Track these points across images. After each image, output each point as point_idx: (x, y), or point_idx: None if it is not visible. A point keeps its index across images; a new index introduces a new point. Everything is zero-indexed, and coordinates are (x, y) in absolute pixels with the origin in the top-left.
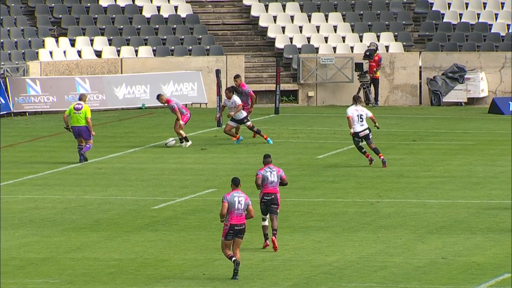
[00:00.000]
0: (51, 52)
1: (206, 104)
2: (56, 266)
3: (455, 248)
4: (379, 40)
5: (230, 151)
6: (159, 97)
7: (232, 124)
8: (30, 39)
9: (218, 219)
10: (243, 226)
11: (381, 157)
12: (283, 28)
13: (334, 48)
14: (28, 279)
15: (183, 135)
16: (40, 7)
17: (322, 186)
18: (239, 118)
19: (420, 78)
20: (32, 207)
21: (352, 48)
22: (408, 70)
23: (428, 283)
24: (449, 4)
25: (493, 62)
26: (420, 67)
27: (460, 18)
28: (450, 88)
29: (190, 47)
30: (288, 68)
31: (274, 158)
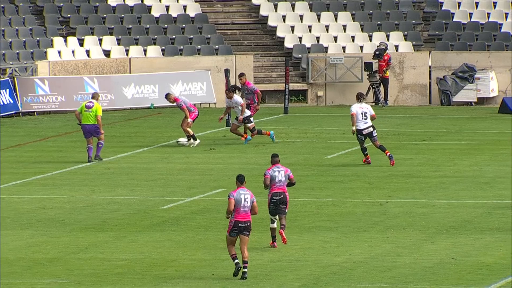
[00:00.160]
0: (59, 52)
1: (215, 103)
2: (64, 266)
3: (464, 249)
4: (388, 40)
5: (238, 151)
6: (168, 96)
7: (236, 123)
8: (38, 38)
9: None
10: (248, 224)
11: (387, 153)
12: (292, 28)
13: (344, 48)
14: (36, 279)
15: (190, 133)
16: (49, 6)
17: (331, 186)
18: (246, 115)
19: (429, 78)
20: (40, 207)
21: (361, 47)
22: (417, 69)
23: (437, 284)
24: (459, 4)
25: (503, 62)
26: (430, 67)
27: (470, 18)
28: (460, 88)
29: (199, 47)
30: (297, 67)
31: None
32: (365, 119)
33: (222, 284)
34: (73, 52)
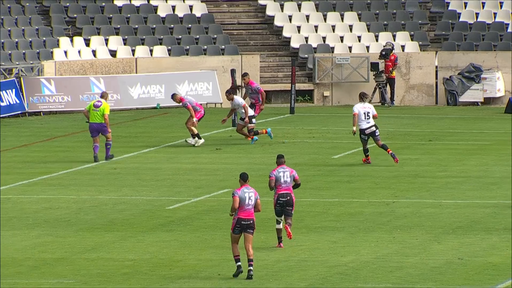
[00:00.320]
0: (65, 52)
1: (221, 103)
2: (71, 266)
3: (471, 249)
4: (395, 40)
5: (245, 151)
6: (173, 96)
7: (242, 123)
8: (44, 38)
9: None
10: (251, 221)
11: (389, 152)
12: (299, 28)
13: (350, 48)
14: (43, 279)
15: (195, 131)
16: (55, 6)
17: (338, 186)
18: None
19: (436, 78)
20: (47, 207)
21: (367, 47)
22: (424, 69)
23: (444, 284)
24: (465, 4)
25: (509, 62)
26: (436, 67)
27: (477, 18)
28: (466, 88)
29: (205, 47)
30: (304, 67)
31: (289, 158)
32: (367, 118)
33: (228, 284)
34: (79, 52)
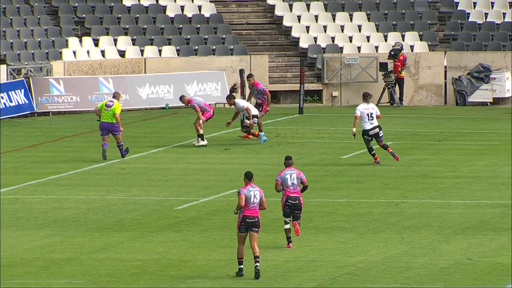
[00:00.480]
0: (74, 52)
1: None
2: (80, 266)
3: (480, 249)
4: (404, 40)
5: (254, 151)
6: (182, 98)
7: (248, 122)
8: (53, 39)
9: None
10: (256, 219)
11: (389, 150)
12: (307, 28)
13: (359, 48)
14: (52, 279)
15: (200, 132)
16: (64, 6)
17: (347, 186)
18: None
19: (445, 78)
20: (56, 207)
21: (376, 47)
22: (433, 69)
23: (453, 284)
24: (474, 4)
25: None
26: (445, 67)
27: (486, 18)
28: (476, 88)
29: (214, 47)
30: (312, 67)
31: (297, 158)
32: (371, 119)
33: (237, 285)
34: (88, 52)
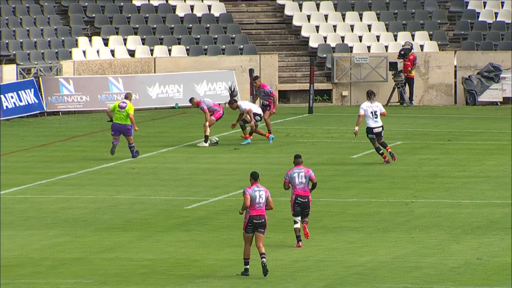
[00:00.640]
0: (84, 52)
1: None
2: (89, 266)
3: (490, 249)
4: (413, 39)
5: (263, 151)
6: (191, 100)
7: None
8: (63, 38)
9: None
10: (263, 220)
11: (388, 149)
12: (317, 27)
13: (369, 47)
14: (61, 279)
15: (207, 133)
16: (74, 6)
17: (356, 186)
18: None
19: (455, 78)
20: (65, 207)
21: (386, 47)
22: (443, 69)
23: (462, 284)
24: (484, 3)
25: None
26: (455, 67)
27: (496, 17)
28: (486, 88)
29: (223, 47)
30: (322, 67)
31: (307, 158)
32: (375, 118)
33: (246, 284)
34: (97, 52)
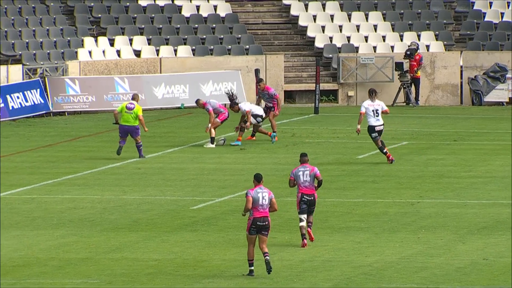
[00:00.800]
0: (90, 52)
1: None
2: (95, 266)
3: (496, 249)
4: (419, 39)
5: (269, 151)
6: (197, 102)
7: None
8: (69, 38)
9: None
10: (267, 222)
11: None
12: (323, 28)
13: (374, 48)
14: (67, 279)
15: (213, 134)
16: (79, 6)
17: (362, 186)
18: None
19: (461, 78)
20: (71, 207)
21: (392, 47)
22: (449, 69)
23: (469, 284)
24: (490, 3)
25: None
26: (461, 67)
27: (502, 17)
28: (492, 88)
29: (230, 47)
30: (328, 67)
31: (313, 158)
32: (376, 116)
33: (252, 284)
34: (103, 52)
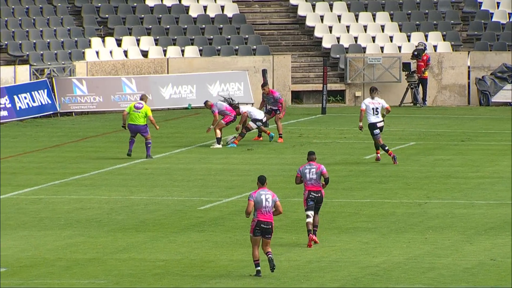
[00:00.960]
0: (97, 52)
1: (253, 104)
2: (102, 266)
3: (504, 250)
4: (427, 40)
5: (276, 151)
6: (206, 103)
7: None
8: (76, 39)
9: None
10: (270, 226)
11: (378, 153)
12: (330, 28)
13: (382, 48)
14: (75, 279)
15: (218, 135)
16: (87, 7)
17: (370, 186)
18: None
19: (468, 78)
20: (79, 208)
21: (399, 47)
22: (456, 70)
23: (476, 285)
24: (498, 4)
25: None
26: (469, 67)
27: (509, 18)
28: (499, 88)
29: (237, 47)
30: (335, 68)
31: (321, 158)
32: (376, 114)
33: (259, 285)
34: (111, 52)
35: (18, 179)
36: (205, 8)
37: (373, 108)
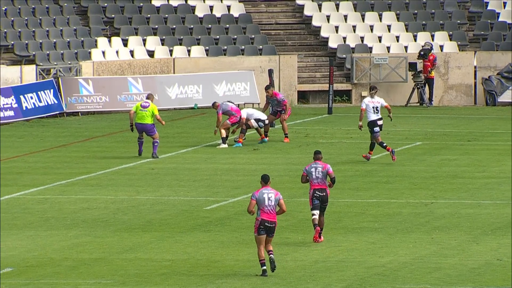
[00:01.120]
0: (103, 52)
1: (259, 104)
2: (109, 266)
3: (510, 250)
4: (433, 40)
5: (282, 151)
6: (213, 104)
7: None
8: (82, 39)
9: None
10: (274, 225)
11: (370, 154)
12: (337, 28)
13: (388, 48)
14: (81, 279)
15: (223, 135)
16: (93, 7)
17: (376, 186)
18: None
19: (475, 78)
20: (85, 208)
21: (406, 47)
22: (463, 69)
23: (483, 285)
24: (504, 3)
25: None
26: (475, 67)
27: None
28: (506, 88)
29: (243, 47)
30: (342, 67)
31: (327, 158)
32: (376, 113)
33: (266, 285)
34: (117, 52)
35: (24, 179)
36: (211, 8)
37: (373, 107)
